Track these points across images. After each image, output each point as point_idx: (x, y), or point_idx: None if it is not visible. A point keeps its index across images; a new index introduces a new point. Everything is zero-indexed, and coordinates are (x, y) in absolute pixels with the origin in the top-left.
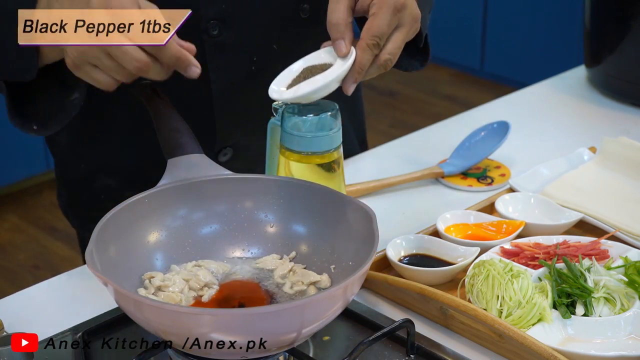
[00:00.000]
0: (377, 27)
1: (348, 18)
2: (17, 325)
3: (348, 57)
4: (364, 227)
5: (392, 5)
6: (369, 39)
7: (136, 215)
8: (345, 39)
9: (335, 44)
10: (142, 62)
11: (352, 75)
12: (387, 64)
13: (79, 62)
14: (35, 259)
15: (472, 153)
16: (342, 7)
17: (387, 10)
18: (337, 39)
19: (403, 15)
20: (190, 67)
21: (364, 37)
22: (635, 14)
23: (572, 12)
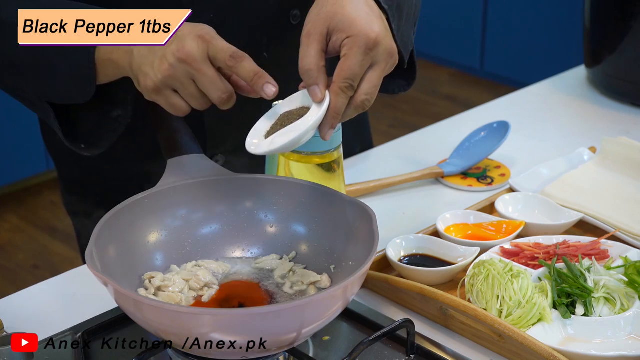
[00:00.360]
0: (349, 69)
1: (320, 62)
2: (17, 325)
3: (322, 102)
4: (364, 227)
5: (363, 44)
6: (341, 82)
7: (136, 215)
8: (319, 84)
9: (310, 89)
10: (227, 93)
11: (328, 121)
12: (365, 105)
13: (162, 85)
14: (35, 259)
15: (472, 153)
16: (312, 52)
17: (358, 51)
18: (310, 85)
19: (376, 54)
20: (267, 85)
21: (336, 80)
22: (635, 14)
23: (572, 12)
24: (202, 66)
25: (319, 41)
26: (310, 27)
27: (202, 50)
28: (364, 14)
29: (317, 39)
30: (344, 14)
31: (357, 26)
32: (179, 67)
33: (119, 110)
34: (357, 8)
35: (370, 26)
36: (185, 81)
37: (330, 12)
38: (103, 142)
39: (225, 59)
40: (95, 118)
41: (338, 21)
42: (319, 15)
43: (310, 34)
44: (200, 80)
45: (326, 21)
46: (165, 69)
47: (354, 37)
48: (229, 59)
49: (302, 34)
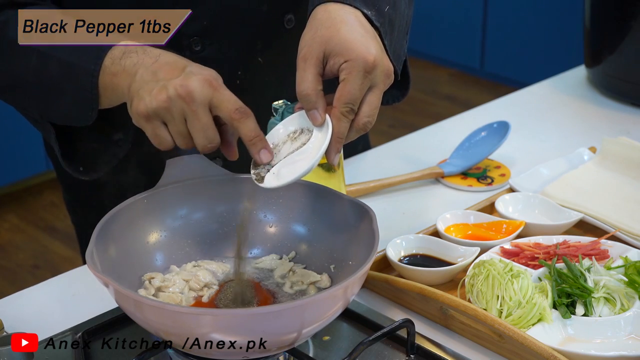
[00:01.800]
0: (349, 94)
1: (317, 86)
2: (17, 325)
3: (325, 129)
4: (364, 227)
5: (362, 68)
6: (342, 106)
7: (136, 215)
8: (318, 108)
9: (309, 114)
10: (213, 144)
11: (333, 146)
12: (367, 127)
13: (153, 114)
14: (35, 259)
15: (472, 153)
16: (309, 76)
17: (357, 75)
18: (310, 109)
19: (375, 76)
20: (263, 151)
21: (337, 105)
22: (635, 14)
23: (572, 12)
24: (199, 109)
25: (316, 65)
26: (306, 51)
27: (205, 94)
28: (359, 36)
29: (314, 63)
30: (339, 37)
31: (354, 49)
32: (176, 102)
33: (120, 134)
34: (352, 30)
35: (367, 49)
36: (177, 118)
37: (326, 35)
38: (102, 165)
39: (230, 111)
40: (96, 141)
41: (334, 45)
42: (314, 39)
43: (307, 58)
44: (192, 123)
45: (321, 45)
46: (162, 100)
47: (352, 60)
48: (234, 112)
49: (298, 57)
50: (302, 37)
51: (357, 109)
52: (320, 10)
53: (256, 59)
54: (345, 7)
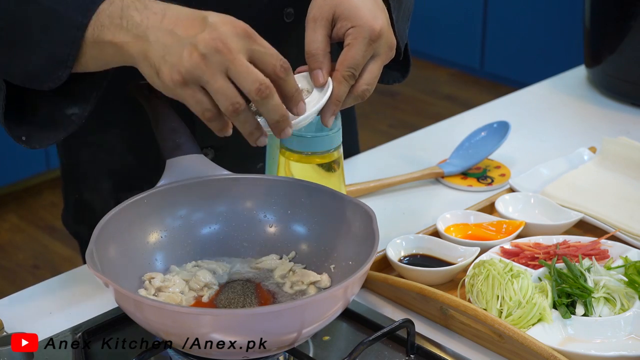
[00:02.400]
0: (352, 58)
1: (326, 47)
2: (17, 325)
3: (325, 89)
4: (364, 227)
5: (367, 35)
6: (345, 70)
7: (136, 215)
8: (323, 68)
9: (313, 73)
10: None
11: (330, 107)
12: (365, 94)
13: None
14: (35, 259)
15: (472, 153)
16: (319, 37)
17: (362, 41)
18: (314, 68)
19: (379, 45)
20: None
21: (339, 68)
22: (635, 14)
23: (572, 12)
24: (239, 57)
25: (326, 26)
26: (317, 11)
27: (242, 43)
28: (369, 4)
29: (324, 24)
30: (350, 2)
31: (362, 16)
32: (213, 57)
33: (76, 108)
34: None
35: (374, 18)
36: (218, 73)
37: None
38: (47, 139)
39: (275, 67)
40: (47, 111)
41: (344, 9)
42: (325, 1)
43: (317, 19)
44: (237, 70)
45: (332, 7)
46: (196, 59)
47: (359, 27)
48: (280, 69)
49: (308, 17)
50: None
51: (357, 75)
52: None
53: None
54: None
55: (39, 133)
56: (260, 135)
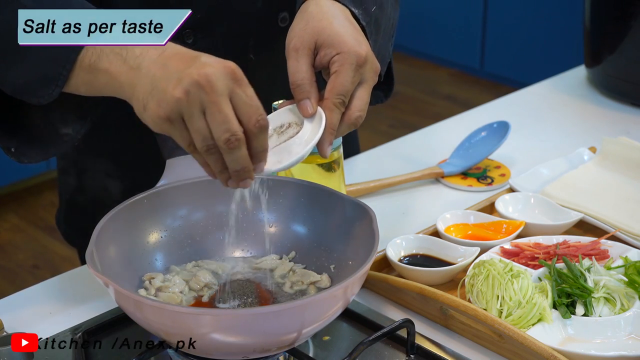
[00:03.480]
0: (341, 85)
1: (312, 77)
2: (17, 325)
3: (317, 119)
4: (364, 227)
5: (354, 62)
6: (335, 97)
7: (136, 216)
8: (310, 98)
9: (301, 104)
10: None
11: (326, 137)
12: (358, 122)
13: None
14: (35, 259)
15: (472, 153)
16: (303, 67)
17: (349, 67)
18: (302, 99)
19: (365, 71)
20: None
21: (329, 96)
22: (635, 14)
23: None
24: (221, 100)
25: (308, 55)
26: (297, 41)
27: (226, 84)
28: (350, 30)
29: (306, 53)
30: (332, 29)
31: (346, 43)
32: (194, 93)
33: (69, 129)
34: (343, 25)
35: (359, 43)
36: (196, 112)
37: (318, 27)
38: (37, 155)
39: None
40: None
41: (326, 36)
42: (305, 30)
43: (298, 48)
44: (213, 115)
45: (313, 36)
46: (179, 94)
47: (344, 53)
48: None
49: (289, 47)
50: (292, 29)
51: (347, 102)
52: (312, 3)
53: (248, 56)
54: (335, 4)
55: (30, 148)
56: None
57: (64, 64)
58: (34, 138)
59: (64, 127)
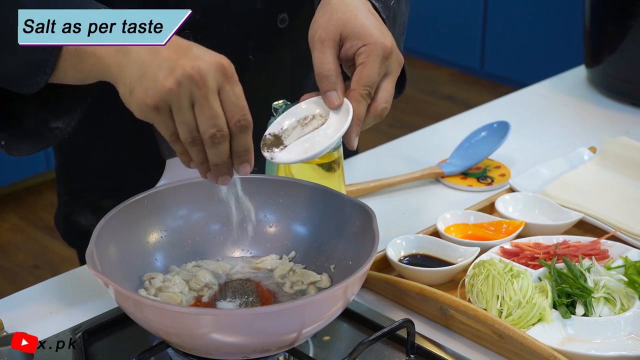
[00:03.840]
0: (368, 76)
1: (337, 68)
2: (17, 325)
3: (344, 111)
4: (364, 227)
5: (380, 53)
6: (362, 89)
7: (136, 216)
8: (337, 89)
9: (327, 95)
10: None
11: (354, 128)
12: (384, 113)
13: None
14: (35, 259)
15: (472, 153)
16: (329, 58)
17: (375, 59)
18: (328, 90)
19: (391, 62)
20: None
21: (356, 87)
22: (635, 14)
23: (572, 12)
24: (210, 95)
25: (334, 47)
26: (322, 32)
27: (217, 80)
28: (375, 22)
29: (332, 45)
30: (357, 21)
31: (372, 35)
32: (186, 85)
33: (60, 122)
34: (367, 17)
35: (384, 35)
36: (185, 104)
37: (342, 19)
38: (27, 149)
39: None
40: (32, 121)
41: (352, 28)
42: (329, 22)
43: (324, 40)
44: (201, 109)
45: (338, 28)
46: (170, 84)
47: (371, 45)
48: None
49: (314, 39)
50: (315, 21)
51: (374, 93)
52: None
53: (247, 57)
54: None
55: (20, 142)
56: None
57: (51, 50)
58: (25, 131)
59: (55, 120)
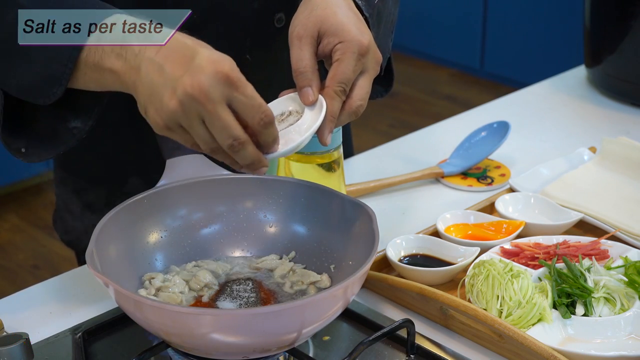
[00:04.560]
0: (343, 73)
1: (314, 65)
2: (17, 325)
3: (318, 107)
4: (364, 227)
5: (356, 50)
6: (336, 85)
7: (136, 216)
8: (312, 86)
9: (302, 91)
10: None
11: (327, 125)
12: (359, 110)
13: (171, 123)
14: (35, 259)
15: (472, 153)
16: (306, 54)
17: (351, 56)
18: (303, 86)
19: (367, 60)
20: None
21: (330, 84)
22: (635, 14)
23: (572, 12)
24: (217, 108)
25: (311, 44)
26: (301, 29)
27: (221, 92)
28: (354, 20)
29: (309, 42)
30: (335, 19)
31: (349, 32)
32: (189, 105)
33: (78, 122)
34: (346, 14)
35: (361, 33)
36: (195, 122)
37: (321, 16)
38: (46, 153)
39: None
40: (49, 123)
41: (329, 25)
42: (309, 18)
43: (302, 37)
44: (212, 124)
45: (316, 24)
46: (174, 106)
47: (347, 42)
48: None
49: (292, 35)
50: (295, 17)
51: (349, 90)
52: None
53: (244, 56)
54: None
55: (39, 146)
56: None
57: (66, 62)
58: (43, 135)
59: (73, 119)
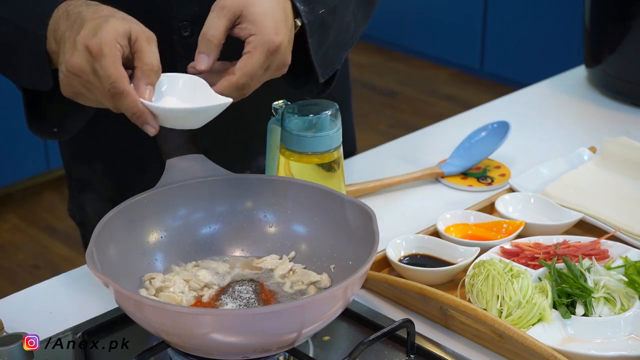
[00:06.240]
0: (252, 68)
1: (222, 39)
2: (17, 325)
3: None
4: (364, 227)
5: (266, 47)
6: (242, 78)
7: (136, 216)
8: (210, 56)
9: (199, 56)
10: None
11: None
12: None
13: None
14: (35, 259)
15: (472, 153)
16: (220, 27)
17: (261, 52)
18: (203, 52)
19: (273, 59)
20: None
21: (238, 74)
22: (635, 14)
23: (572, 12)
24: (91, 78)
25: (230, 19)
26: (228, 1)
27: (88, 66)
28: (277, 17)
29: (229, 17)
30: (259, 9)
31: (265, 26)
32: (72, 78)
33: None
34: (273, 9)
35: (276, 31)
36: (85, 91)
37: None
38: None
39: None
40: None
41: (252, 12)
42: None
43: (224, 8)
44: (94, 93)
45: (241, 5)
46: (63, 80)
47: (260, 36)
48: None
49: (218, 3)
50: None
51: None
52: None
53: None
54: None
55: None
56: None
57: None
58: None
59: None
